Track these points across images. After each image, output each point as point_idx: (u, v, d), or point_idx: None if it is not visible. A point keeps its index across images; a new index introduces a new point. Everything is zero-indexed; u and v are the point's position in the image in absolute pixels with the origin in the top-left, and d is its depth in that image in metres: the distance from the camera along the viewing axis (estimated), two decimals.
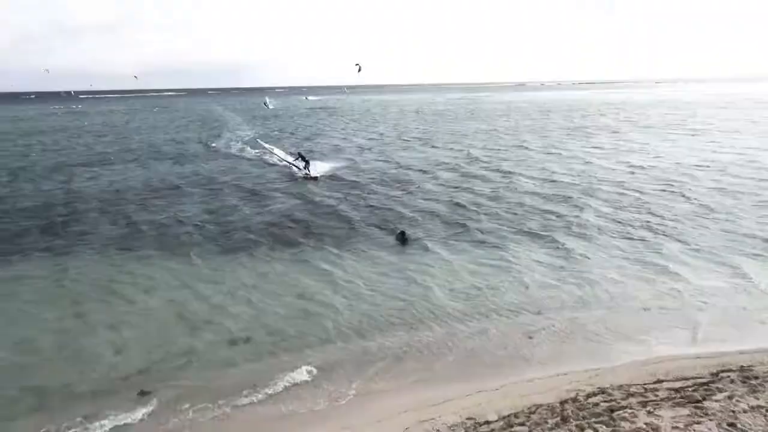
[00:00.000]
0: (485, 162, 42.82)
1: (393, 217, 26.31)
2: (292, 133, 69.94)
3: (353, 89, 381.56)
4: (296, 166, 37.49)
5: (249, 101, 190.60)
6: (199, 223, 25.92)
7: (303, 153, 40.59)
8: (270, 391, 12.15)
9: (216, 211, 28.40)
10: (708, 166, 37.83)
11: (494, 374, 12.65)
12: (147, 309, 16.59)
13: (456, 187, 33.17)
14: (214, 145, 57.95)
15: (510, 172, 37.70)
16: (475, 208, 27.70)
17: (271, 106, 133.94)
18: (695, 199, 28.46)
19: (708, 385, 11.30)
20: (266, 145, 48.87)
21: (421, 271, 19.24)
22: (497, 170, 38.87)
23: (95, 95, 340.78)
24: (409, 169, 40.56)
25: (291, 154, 44.06)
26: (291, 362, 13.38)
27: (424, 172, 39.01)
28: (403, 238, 22.53)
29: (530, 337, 14.33)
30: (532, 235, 23.15)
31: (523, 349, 13.84)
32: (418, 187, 33.52)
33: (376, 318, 15.73)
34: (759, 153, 42.99)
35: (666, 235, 22.44)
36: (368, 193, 31.88)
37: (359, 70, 46.67)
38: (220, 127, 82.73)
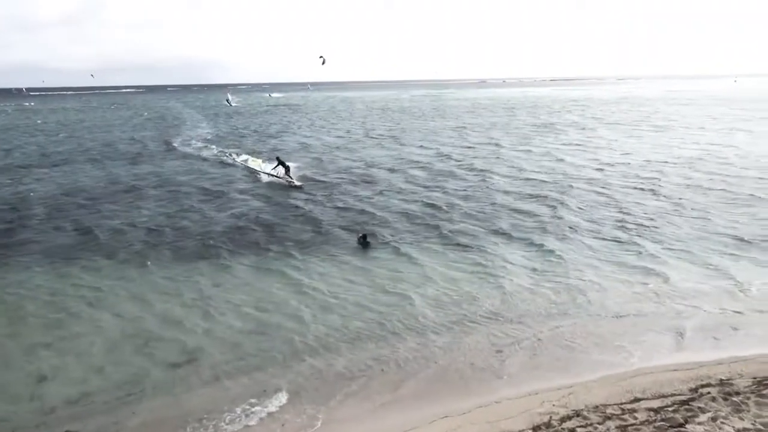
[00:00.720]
0: (457, 160, 42.02)
1: (363, 219, 25.18)
2: (255, 131, 67.84)
3: (316, 86, 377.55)
4: (275, 175, 34.54)
5: (210, 98, 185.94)
6: (154, 228, 24.27)
7: (281, 157, 37.09)
8: (225, 424, 10.80)
9: (173, 214, 26.70)
10: (676, 163, 37.93)
11: (463, 394, 11.63)
12: (90, 326, 15.04)
13: (427, 186, 32.22)
14: (172, 144, 55.53)
15: (482, 170, 37.00)
16: (447, 208, 26.79)
17: (233, 104, 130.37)
18: (667, 196, 28.22)
19: (689, 404, 10.59)
20: (238, 159, 43.74)
21: (391, 277, 18.16)
22: (469, 168, 38.12)
23: (49, 92, 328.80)
24: (379, 167, 39.46)
25: (269, 160, 40.06)
26: (249, 386, 12.09)
27: (395, 170, 37.97)
28: (364, 242, 21.38)
29: (499, 351, 13.33)
30: (506, 235, 22.35)
31: (493, 364, 12.83)
32: (389, 186, 32.42)
33: (342, 331, 14.57)
34: (723, 149, 43.45)
35: (641, 235, 21.93)
36: (337, 193, 30.63)
37: (323, 63, 45.44)
38: (179, 125, 79.99)
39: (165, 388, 12.03)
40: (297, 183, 32.74)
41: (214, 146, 52.08)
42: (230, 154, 45.01)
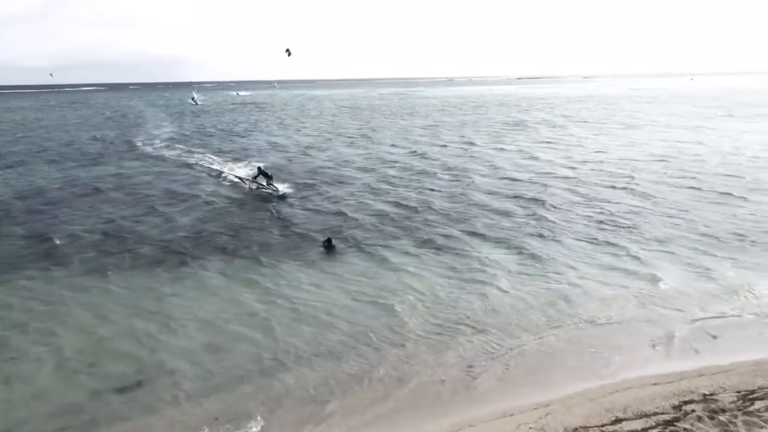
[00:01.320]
0: (430, 158, 41.37)
1: (334, 221, 24.28)
2: (222, 130, 65.92)
3: (283, 84, 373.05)
4: (260, 185, 31.83)
5: (175, 96, 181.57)
6: (112, 234, 22.91)
7: (264, 168, 33.65)
8: None
9: (134, 219, 25.33)
10: (648, 160, 38.02)
11: (437, 415, 10.89)
12: (38, 343, 13.82)
13: (400, 186, 31.47)
14: (134, 144, 53.42)
15: (456, 169, 36.47)
16: (421, 209, 26.08)
17: (199, 102, 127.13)
18: (643, 194, 28.02)
19: (674, 425, 10.00)
20: (215, 166, 39.84)
21: (362, 283, 17.33)
22: (443, 167, 37.49)
23: (5, 90, 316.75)
24: (351, 167, 38.57)
25: (248, 167, 37.45)
26: (217, 410, 11.08)
27: (367, 170, 37.13)
28: (329, 246, 20.46)
29: (473, 366, 12.55)
30: (482, 236, 21.74)
31: (467, 380, 12.07)
32: (361, 186, 31.48)
33: (313, 345, 13.64)
34: (694, 146, 43.75)
35: (619, 235, 21.58)
36: (308, 194, 29.61)
37: (289, 55, 44.17)
38: (141, 124, 77.35)
39: (119, 413, 10.99)
40: (281, 192, 30.31)
41: (178, 146, 50.31)
42: (211, 166, 39.37)
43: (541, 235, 21.65)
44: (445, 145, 48.71)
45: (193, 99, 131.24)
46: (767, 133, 50.95)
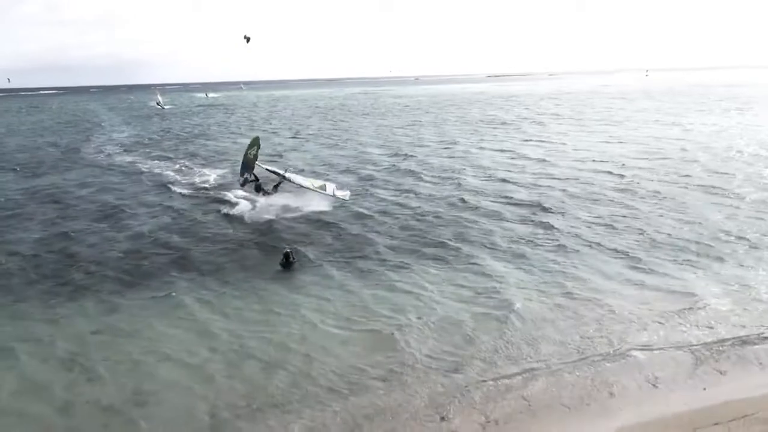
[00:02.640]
0: (414, 158, 39.43)
1: (289, 235, 21.73)
2: (186, 135, 62.13)
3: (250, 85, 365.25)
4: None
5: (137, 99, 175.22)
6: (32, 256, 20.01)
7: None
8: None
9: (62, 237, 22.35)
10: (639, 157, 36.10)
11: None
12: None
13: (368, 192, 29.10)
14: (82, 151, 49.38)
15: (443, 169, 34.71)
16: (406, 213, 24.15)
17: (166, 107, 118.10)
18: (649, 194, 26.06)
19: None
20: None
21: (319, 309, 15.03)
22: (429, 167, 35.57)
23: None
24: (328, 168, 36.41)
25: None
26: None
27: (346, 171, 35.27)
28: (287, 262, 17.99)
29: (442, 418, 10.41)
30: (453, 250, 19.40)
31: None
32: (330, 194, 28.37)
33: (244, 396, 11.22)
34: (680, 142, 42.31)
35: (635, 241, 19.60)
36: (274, 201, 26.56)
37: (248, 41, 41.53)
38: (95, 129, 72.72)
39: None
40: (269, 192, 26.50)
41: (133, 152, 46.91)
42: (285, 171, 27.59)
43: (513, 249, 19.43)
44: (427, 145, 46.68)
45: (158, 103, 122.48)
46: (749, 127, 49.80)
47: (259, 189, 26.51)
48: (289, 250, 18.29)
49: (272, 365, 12.25)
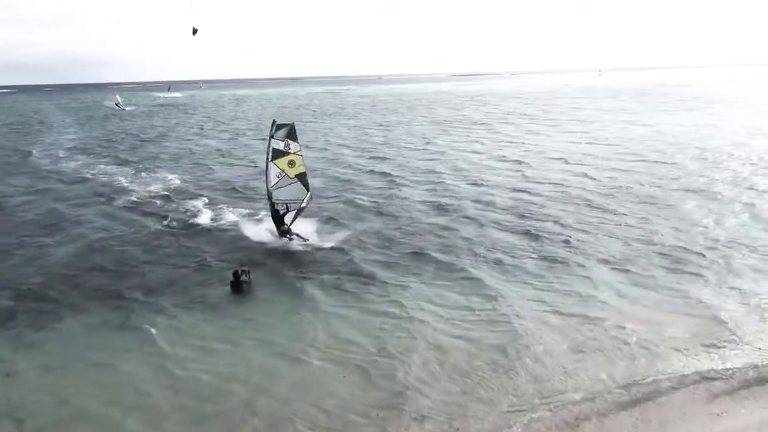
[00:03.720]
0: (387, 158, 38.12)
1: (241, 248, 19.51)
2: (139, 136, 58.97)
3: (210, 83, 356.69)
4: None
5: (91, 98, 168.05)
6: None
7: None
8: None
9: None
10: (585, 163, 34.61)
11: None
12: None
13: (330, 197, 27.24)
14: (27, 155, 45.73)
15: (420, 171, 33.24)
16: (351, 227, 21.75)
17: (126, 108, 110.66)
18: (593, 202, 24.71)
19: None
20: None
21: (267, 343, 12.94)
22: (405, 168, 34.41)
23: None
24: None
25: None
26: None
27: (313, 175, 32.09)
28: (237, 283, 15.75)
29: None
30: (422, 259, 17.98)
31: None
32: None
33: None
34: (638, 144, 41.39)
35: (580, 251, 18.30)
36: (215, 213, 24.39)
37: (194, 33, 39.81)
38: (42, 131, 68.28)
39: None
40: (304, 237, 20.02)
41: (79, 157, 43.90)
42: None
43: (491, 260, 17.87)
44: (399, 146, 45.18)
45: (117, 104, 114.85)
46: (717, 126, 49.72)
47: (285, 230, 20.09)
48: (243, 269, 16.11)
49: (213, 399, 10.65)
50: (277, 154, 19.31)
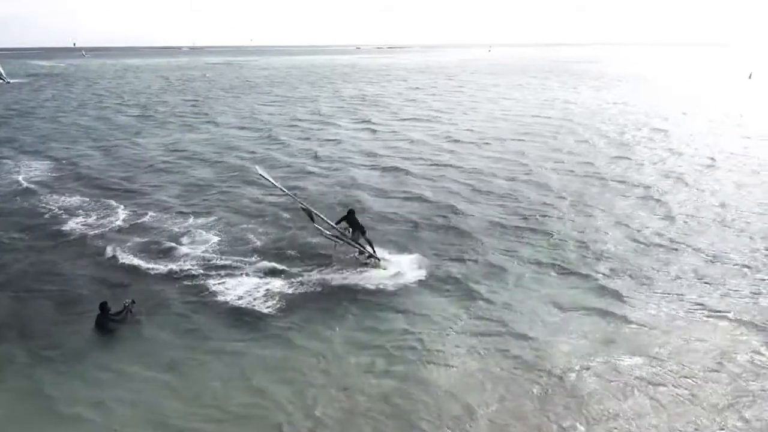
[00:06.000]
0: (288, 144, 34.61)
1: (123, 268, 15.58)
2: (14, 110, 51.03)
3: (94, 51, 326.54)
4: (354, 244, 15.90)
5: None
6: None
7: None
8: None
9: None
10: (508, 149, 33.63)
11: None
12: None
13: (264, 186, 23.58)
14: None
15: (325, 158, 30.30)
16: (270, 230, 18.47)
17: (9, 80, 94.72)
18: (529, 196, 22.93)
19: None
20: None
21: (143, 407, 9.80)
22: (309, 155, 31.13)
23: None
24: (188, 157, 30.54)
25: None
26: None
27: (211, 161, 29.08)
28: (104, 320, 12.09)
29: None
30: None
31: None
32: (167, 199, 22.61)
33: None
34: (558, 123, 40.98)
35: (532, 260, 16.15)
36: (92, 218, 20.02)
37: None
38: None
39: None
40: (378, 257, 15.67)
41: None
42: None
43: (466, 260, 15.38)
44: (303, 127, 41.51)
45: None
46: (630, 105, 50.98)
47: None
48: (126, 301, 12.49)
49: None
50: None
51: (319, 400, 9.84)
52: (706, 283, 14.28)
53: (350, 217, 15.65)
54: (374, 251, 15.44)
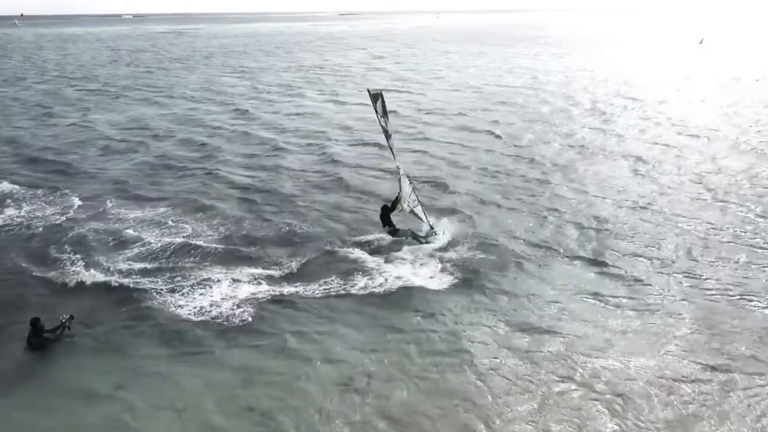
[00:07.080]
0: (258, 118, 32.65)
1: (49, 269, 13.55)
2: None
3: (29, 20, 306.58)
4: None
5: None
6: None
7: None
8: None
9: None
10: (477, 116, 33.27)
11: None
12: None
13: (228, 168, 21.86)
14: None
15: (300, 133, 28.26)
16: (250, 222, 17.08)
17: None
18: (516, 172, 22.65)
19: None
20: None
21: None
22: (278, 129, 29.07)
23: None
24: (145, 136, 28.02)
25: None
26: None
27: (147, 145, 26.51)
28: (36, 338, 10.56)
29: None
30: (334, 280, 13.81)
31: None
32: (119, 193, 19.71)
33: None
34: (526, 92, 40.34)
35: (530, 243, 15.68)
36: (24, 208, 17.84)
37: None
38: None
39: None
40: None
41: None
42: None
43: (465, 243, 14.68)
44: (267, 99, 39.91)
45: None
46: (596, 71, 51.14)
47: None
48: (64, 317, 10.83)
49: None
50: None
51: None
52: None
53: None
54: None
